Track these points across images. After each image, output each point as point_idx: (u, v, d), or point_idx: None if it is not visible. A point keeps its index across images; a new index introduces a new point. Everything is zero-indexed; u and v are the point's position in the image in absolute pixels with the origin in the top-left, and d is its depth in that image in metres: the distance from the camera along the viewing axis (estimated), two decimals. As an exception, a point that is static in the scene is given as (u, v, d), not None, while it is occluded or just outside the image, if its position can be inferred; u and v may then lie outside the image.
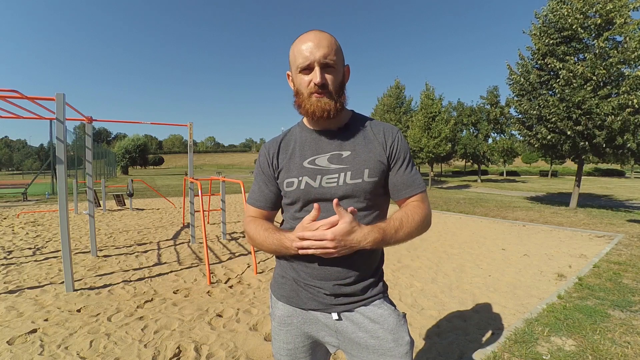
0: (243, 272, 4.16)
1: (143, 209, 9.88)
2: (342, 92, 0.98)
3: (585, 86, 9.40)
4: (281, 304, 1.08)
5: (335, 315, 1.00)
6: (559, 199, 14.82)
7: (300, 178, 1.00)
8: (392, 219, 0.95)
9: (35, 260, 4.51)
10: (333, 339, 1.04)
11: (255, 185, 1.11)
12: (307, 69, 0.93)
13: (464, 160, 34.81)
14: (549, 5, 10.52)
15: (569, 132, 9.79)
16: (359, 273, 0.99)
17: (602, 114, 9.15)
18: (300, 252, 0.90)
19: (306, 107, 0.96)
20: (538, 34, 10.57)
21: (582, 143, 9.91)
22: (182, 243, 5.66)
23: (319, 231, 0.86)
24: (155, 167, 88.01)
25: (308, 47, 0.92)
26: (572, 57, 9.78)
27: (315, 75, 0.92)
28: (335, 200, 0.86)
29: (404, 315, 1.05)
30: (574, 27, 9.59)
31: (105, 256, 4.78)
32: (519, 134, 12.01)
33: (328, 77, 0.93)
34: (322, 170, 0.99)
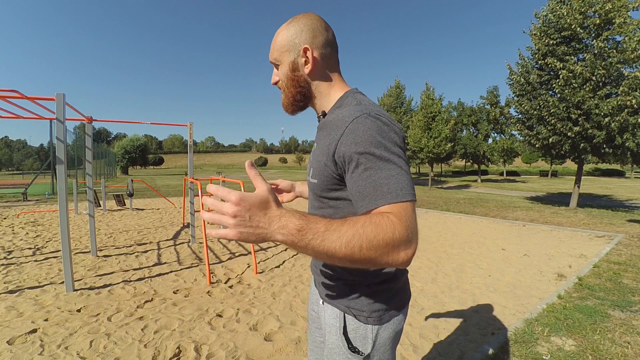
0: (243, 272, 4.16)
1: (143, 209, 9.88)
2: (294, 84, 0.89)
3: (584, 86, 9.41)
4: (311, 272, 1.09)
5: (321, 301, 0.97)
6: (559, 199, 14.82)
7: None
8: (333, 219, 0.62)
9: (35, 260, 4.51)
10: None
11: None
12: None
13: (464, 160, 34.82)
14: (548, 5, 10.53)
15: (569, 134, 9.80)
16: (333, 271, 0.89)
17: (601, 114, 9.16)
18: None
19: None
20: (538, 34, 10.57)
21: (582, 144, 9.91)
22: (182, 243, 5.65)
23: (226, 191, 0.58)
24: (155, 167, 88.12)
25: None
26: (572, 57, 9.78)
27: None
28: (248, 161, 0.66)
29: (358, 356, 0.84)
30: (573, 27, 9.60)
31: (105, 256, 4.78)
32: (519, 134, 12.01)
33: (278, 74, 0.92)
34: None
